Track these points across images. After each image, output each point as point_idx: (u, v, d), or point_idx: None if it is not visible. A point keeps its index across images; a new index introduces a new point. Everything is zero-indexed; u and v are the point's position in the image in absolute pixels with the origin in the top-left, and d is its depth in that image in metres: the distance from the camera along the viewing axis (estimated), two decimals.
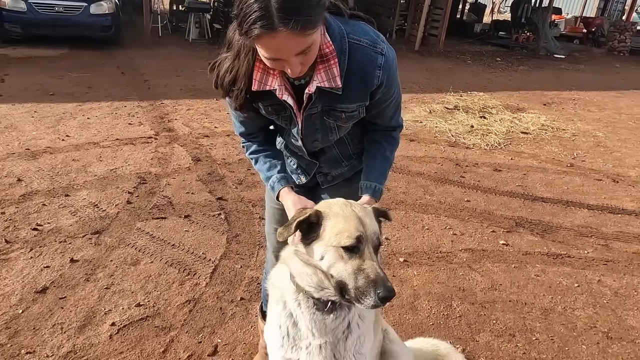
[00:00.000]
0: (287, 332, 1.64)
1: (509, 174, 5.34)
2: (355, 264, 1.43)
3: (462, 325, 2.86)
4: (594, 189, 5.15)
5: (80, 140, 5.22)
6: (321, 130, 1.72)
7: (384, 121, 1.79)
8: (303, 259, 1.52)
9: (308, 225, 1.51)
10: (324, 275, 1.48)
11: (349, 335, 1.62)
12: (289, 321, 1.63)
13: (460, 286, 3.23)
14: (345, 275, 1.43)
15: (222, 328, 2.68)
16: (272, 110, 1.67)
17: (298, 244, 1.54)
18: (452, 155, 5.81)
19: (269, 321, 1.72)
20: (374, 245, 1.48)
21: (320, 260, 1.47)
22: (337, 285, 1.45)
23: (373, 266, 1.42)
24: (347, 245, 1.43)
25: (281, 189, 1.78)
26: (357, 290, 1.40)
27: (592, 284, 3.40)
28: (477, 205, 4.49)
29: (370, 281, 1.38)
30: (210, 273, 3.15)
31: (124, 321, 2.65)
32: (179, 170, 4.71)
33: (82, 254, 3.23)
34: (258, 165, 1.84)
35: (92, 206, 3.87)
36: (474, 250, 3.69)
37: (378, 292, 1.37)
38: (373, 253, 1.47)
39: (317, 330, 1.58)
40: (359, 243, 1.44)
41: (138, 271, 3.10)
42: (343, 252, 1.44)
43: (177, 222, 3.75)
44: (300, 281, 1.54)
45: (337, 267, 1.44)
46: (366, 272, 1.40)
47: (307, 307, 1.57)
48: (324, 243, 1.47)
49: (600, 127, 7.71)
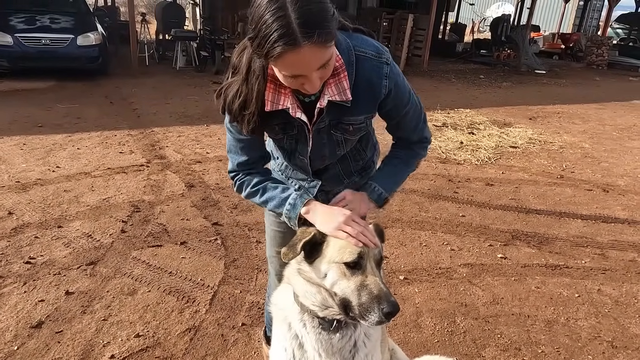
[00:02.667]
0: (292, 354, 1.61)
1: (502, 188, 5.38)
2: (358, 280, 1.42)
3: (467, 341, 2.83)
4: (586, 199, 5.21)
5: (71, 171, 5.17)
6: (329, 145, 1.72)
7: (406, 134, 1.80)
8: (306, 278, 1.51)
9: (311, 244, 1.50)
10: (327, 293, 1.47)
11: (355, 355, 1.60)
12: (295, 343, 1.60)
13: (462, 301, 3.22)
14: (348, 292, 1.42)
15: (224, 356, 2.62)
16: (279, 130, 1.67)
17: (301, 262, 1.53)
18: (444, 171, 5.85)
19: (274, 344, 1.69)
20: (376, 260, 1.48)
21: (323, 278, 1.46)
22: (341, 303, 1.44)
23: (376, 282, 1.41)
24: (349, 261, 1.43)
25: (308, 200, 1.65)
26: (361, 307, 1.39)
27: (593, 293, 3.40)
28: (473, 219, 4.51)
29: (374, 297, 1.38)
30: (210, 299, 3.10)
31: (124, 353, 2.59)
32: (172, 197, 4.67)
33: (77, 285, 3.16)
34: (268, 194, 1.74)
35: (86, 237, 3.81)
36: (473, 265, 3.69)
37: (382, 308, 1.36)
38: (375, 268, 1.46)
39: (323, 350, 1.56)
40: (361, 259, 1.44)
41: (136, 301, 3.04)
42: (345, 268, 1.43)
43: (173, 249, 3.70)
44: (305, 300, 1.53)
45: (340, 284, 1.43)
46: (369, 288, 1.39)
47: (312, 327, 1.55)
48: (326, 260, 1.46)
49: (585, 138, 7.85)
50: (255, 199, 1.76)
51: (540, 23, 27.95)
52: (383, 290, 1.39)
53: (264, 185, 1.75)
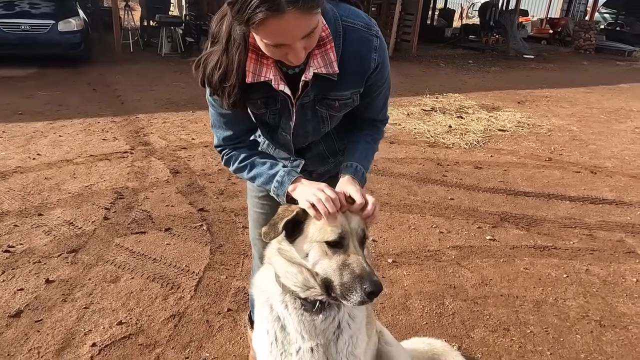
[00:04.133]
0: (275, 337, 1.56)
1: (490, 171, 5.36)
2: (340, 260, 1.36)
3: (456, 323, 2.81)
4: (574, 181, 5.20)
5: (52, 159, 5.04)
6: (313, 122, 1.65)
7: (372, 113, 1.74)
8: (287, 257, 1.45)
9: (293, 223, 1.44)
10: (309, 273, 1.42)
11: (340, 336, 1.55)
12: (277, 325, 1.55)
13: (450, 284, 3.19)
14: (330, 271, 1.36)
15: (209, 341, 2.57)
16: (262, 104, 1.59)
17: (282, 241, 1.47)
18: (433, 155, 5.82)
19: (257, 327, 1.64)
20: (359, 238, 1.42)
21: (304, 257, 1.40)
22: (323, 283, 1.38)
23: (358, 260, 1.36)
24: (330, 240, 1.37)
25: (296, 177, 1.56)
26: (343, 287, 1.33)
27: (581, 273, 3.40)
28: (461, 202, 4.48)
29: (356, 276, 1.32)
30: (195, 285, 3.04)
31: (106, 341, 2.52)
32: (157, 183, 4.58)
33: (58, 274, 3.08)
34: (255, 170, 1.66)
35: (67, 224, 3.71)
36: (462, 247, 3.67)
37: (364, 287, 1.30)
38: (359, 247, 1.40)
39: (306, 332, 1.51)
40: (343, 237, 1.38)
41: (118, 288, 2.97)
42: (327, 247, 1.37)
43: (157, 236, 3.62)
44: (286, 281, 1.47)
45: (321, 263, 1.37)
46: (351, 267, 1.34)
47: (294, 308, 1.50)
48: (307, 239, 1.41)
49: (573, 121, 7.85)
50: (243, 174, 1.69)
51: (528, 8, 27.89)
52: (365, 269, 1.33)
53: (252, 161, 1.67)
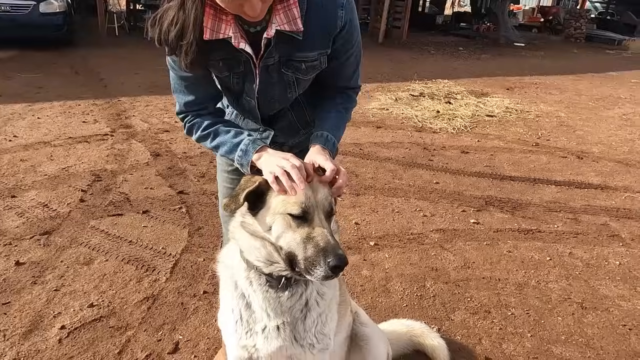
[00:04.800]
0: (240, 315, 1.48)
1: (477, 156, 5.31)
2: (304, 232, 1.29)
3: (437, 305, 2.76)
4: (560, 166, 5.17)
5: (29, 140, 4.90)
6: (279, 86, 1.56)
7: (342, 80, 1.66)
8: (250, 231, 1.37)
9: (256, 194, 1.37)
10: (273, 247, 1.34)
11: (307, 314, 1.48)
12: (242, 303, 1.48)
13: (432, 266, 3.14)
14: (294, 245, 1.29)
15: (183, 324, 2.50)
16: (223, 66, 1.50)
17: (245, 214, 1.39)
18: (420, 139, 5.75)
19: (222, 305, 1.57)
20: (325, 211, 1.35)
21: (268, 231, 1.33)
22: (287, 257, 1.31)
23: (323, 233, 1.28)
24: (294, 212, 1.30)
25: (261, 146, 1.48)
26: (307, 261, 1.26)
27: (564, 256, 3.37)
28: (447, 186, 4.43)
29: (320, 249, 1.25)
30: (171, 268, 2.96)
31: (75, 323, 2.44)
32: (137, 166, 4.47)
33: (29, 256, 2.98)
34: (219, 138, 1.56)
35: (42, 206, 3.60)
36: (445, 231, 3.62)
37: (328, 261, 1.23)
38: (324, 220, 1.33)
39: (272, 310, 1.44)
40: (307, 210, 1.30)
41: (91, 270, 2.88)
42: (291, 220, 1.30)
43: (134, 218, 3.53)
44: (249, 256, 1.40)
45: (285, 237, 1.30)
46: (315, 241, 1.26)
47: (259, 285, 1.42)
48: (271, 212, 1.33)
49: (562, 108, 7.82)
50: (206, 143, 1.60)
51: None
52: (330, 242, 1.26)
53: (215, 129, 1.58)
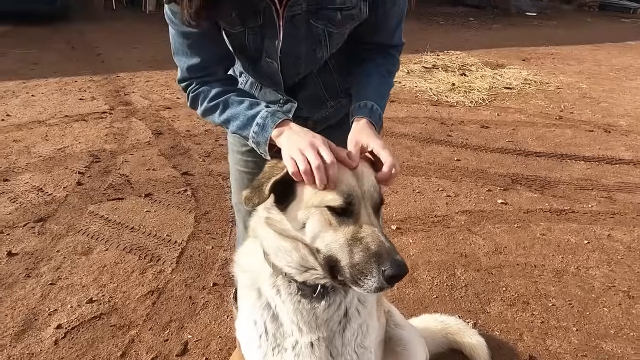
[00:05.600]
0: (264, 329, 1.23)
1: (498, 130, 5.00)
2: (349, 232, 1.03)
3: (470, 296, 2.51)
4: (587, 140, 4.86)
5: (23, 120, 4.62)
6: (306, 43, 1.27)
7: (384, 36, 1.37)
8: (278, 230, 1.11)
9: (284, 183, 1.09)
10: (307, 250, 1.08)
11: (347, 326, 1.23)
12: (267, 314, 1.22)
13: (461, 252, 2.89)
14: (336, 247, 1.03)
15: (192, 321, 2.26)
16: (237, 18, 1.21)
17: (271, 208, 1.12)
18: (436, 114, 5.43)
19: (241, 316, 1.31)
20: (373, 204, 1.09)
21: (300, 229, 1.07)
22: (327, 263, 1.05)
23: (374, 233, 1.02)
24: (335, 205, 1.03)
25: (282, 119, 1.21)
26: (354, 269, 1.00)
27: (602, 239, 3.10)
28: (469, 164, 4.15)
29: (372, 254, 0.99)
30: (177, 257, 2.71)
31: (73, 322, 2.21)
32: (137, 145, 4.19)
33: (22, 245, 2.74)
34: (230, 110, 1.29)
35: (36, 190, 3.35)
36: (472, 212, 3.35)
37: (383, 270, 0.97)
38: (373, 215, 1.06)
39: (304, 324, 1.18)
40: (351, 202, 1.04)
41: (90, 261, 2.64)
42: (330, 215, 1.04)
43: (136, 202, 3.27)
44: (277, 260, 1.14)
45: (324, 237, 1.04)
46: (365, 243, 1.01)
47: (288, 294, 1.17)
48: (304, 205, 1.07)
49: (582, 79, 7.44)
50: (214, 117, 1.32)
51: None
52: (384, 245, 1.00)
53: (225, 99, 1.30)
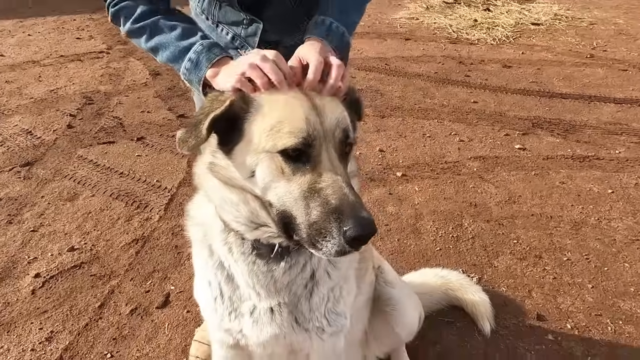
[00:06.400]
0: (219, 291, 1.07)
1: (521, 70, 4.60)
2: (305, 182, 0.84)
3: (476, 248, 2.32)
4: (620, 80, 4.44)
5: (16, 60, 4.43)
6: None
7: None
8: (223, 178, 0.91)
9: (228, 121, 0.88)
10: (258, 203, 0.89)
11: (314, 290, 1.06)
12: (221, 275, 1.06)
13: (471, 201, 2.67)
14: (289, 201, 0.84)
15: (176, 271, 2.14)
16: None
17: (215, 152, 0.92)
18: (455, 52, 5.03)
19: (196, 274, 1.15)
20: (337, 144, 0.88)
21: (249, 177, 0.87)
22: (280, 220, 0.87)
23: (336, 183, 0.82)
24: (289, 147, 0.82)
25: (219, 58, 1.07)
26: (311, 228, 0.82)
27: (629, 188, 2.83)
28: (486, 106, 3.83)
29: (331, 210, 0.80)
30: (165, 204, 2.57)
31: (52, 271, 2.11)
32: (133, 86, 3.99)
33: (6, 191, 2.63)
34: (159, 37, 1.11)
35: (25, 133, 3.21)
36: (486, 158, 3.09)
37: (345, 230, 0.77)
38: (337, 160, 0.85)
39: (262, 287, 1.01)
40: (310, 144, 0.85)
41: (75, 207, 2.52)
42: (283, 161, 0.84)
43: (127, 146, 3.11)
44: (224, 214, 0.96)
45: (277, 188, 0.85)
46: (324, 195, 0.81)
47: (241, 253, 0.99)
48: (253, 148, 0.87)
49: (620, 14, 6.80)
50: (140, 41, 1.11)
51: None
52: (347, 197, 0.80)
53: (154, 22, 1.08)
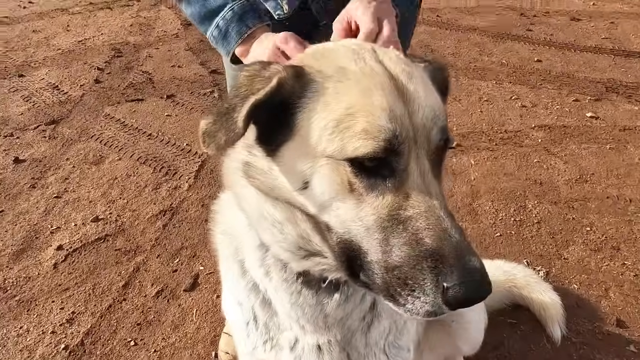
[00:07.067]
0: (253, 315, 0.86)
1: (591, 24, 4.10)
2: (385, 205, 0.61)
3: (543, 235, 2.04)
4: None
5: (45, 7, 4.24)
6: None
7: None
8: (263, 187, 0.67)
9: (274, 107, 0.62)
10: (311, 224, 0.64)
11: (374, 323, 0.83)
12: (255, 298, 0.85)
13: (535, 178, 2.35)
14: (359, 230, 0.62)
15: (205, 249, 1.96)
16: None
17: (253, 148, 0.67)
18: (515, 2, 4.55)
19: (224, 291, 0.93)
20: (431, 154, 0.63)
21: (301, 189, 0.61)
22: (343, 251, 0.63)
23: (432, 212, 0.59)
24: (363, 154, 0.56)
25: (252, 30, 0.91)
26: (390, 273, 0.58)
27: None
28: (552, 66, 3.41)
29: (425, 254, 0.58)
30: (196, 172, 2.37)
31: (75, 243, 1.96)
32: (164, 38, 3.74)
33: (31, 151, 2.49)
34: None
35: (51, 88, 3.04)
36: (552, 128, 2.74)
37: (447, 287, 0.55)
38: (431, 174, 0.60)
39: (308, 321, 0.79)
40: (396, 150, 0.60)
41: (101, 172, 2.36)
42: (353, 173, 0.58)
43: (157, 105, 2.91)
44: (262, 232, 0.71)
45: (339, 209, 0.63)
46: (414, 229, 0.60)
47: (283, 280, 0.77)
48: (309, 150, 0.60)
49: None
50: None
51: None
52: (450, 236, 0.56)
53: None
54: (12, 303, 1.72)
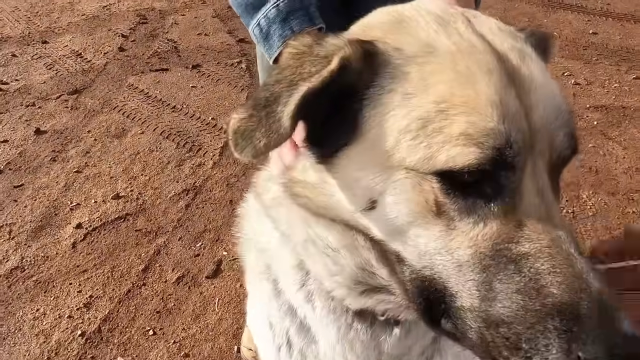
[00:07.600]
0: (286, 339, 0.72)
1: None
2: (487, 236, 0.45)
3: (599, 230, 1.86)
4: None
5: None
6: None
7: None
8: (312, 204, 0.51)
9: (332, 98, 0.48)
10: (376, 252, 0.49)
11: (435, 357, 0.67)
12: (290, 322, 0.71)
13: (591, 165, 2.15)
14: (446, 265, 0.48)
15: (229, 233, 1.82)
16: None
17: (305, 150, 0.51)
18: None
19: (251, 309, 0.80)
20: (554, 161, 0.49)
21: (368, 210, 0.47)
22: (420, 291, 0.48)
23: (559, 248, 0.42)
24: (464, 167, 0.43)
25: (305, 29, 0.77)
26: (492, 328, 0.43)
27: None
28: (609, 39, 3.12)
29: (553, 309, 0.41)
30: (221, 148, 2.26)
31: (95, 222, 1.88)
32: (190, 4, 3.59)
33: (52, 122, 2.40)
34: None
35: (75, 56, 2.94)
36: (609, 108, 2.50)
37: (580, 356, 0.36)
38: (551, 192, 0.42)
39: (357, 357, 0.64)
40: (507, 161, 0.44)
41: (123, 146, 2.26)
42: (443, 191, 0.44)
43: (182, 75, 2.78)
44: (309, 260, 0.57)
45: (420, 237, 0.50)
46: (532, 272, 0.42)
47: (329, 311, 0.62)
48: (380, 158, 0.48)
49: None
50: None
51: None
52: (588, 285, 0.40)
53: None
54: (29, 283, 1.65)
